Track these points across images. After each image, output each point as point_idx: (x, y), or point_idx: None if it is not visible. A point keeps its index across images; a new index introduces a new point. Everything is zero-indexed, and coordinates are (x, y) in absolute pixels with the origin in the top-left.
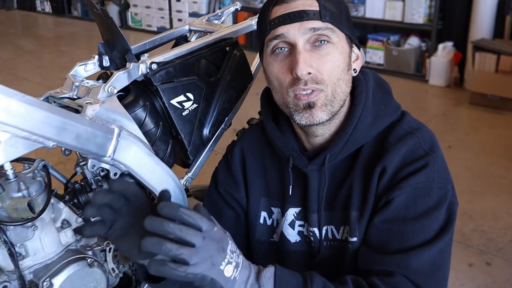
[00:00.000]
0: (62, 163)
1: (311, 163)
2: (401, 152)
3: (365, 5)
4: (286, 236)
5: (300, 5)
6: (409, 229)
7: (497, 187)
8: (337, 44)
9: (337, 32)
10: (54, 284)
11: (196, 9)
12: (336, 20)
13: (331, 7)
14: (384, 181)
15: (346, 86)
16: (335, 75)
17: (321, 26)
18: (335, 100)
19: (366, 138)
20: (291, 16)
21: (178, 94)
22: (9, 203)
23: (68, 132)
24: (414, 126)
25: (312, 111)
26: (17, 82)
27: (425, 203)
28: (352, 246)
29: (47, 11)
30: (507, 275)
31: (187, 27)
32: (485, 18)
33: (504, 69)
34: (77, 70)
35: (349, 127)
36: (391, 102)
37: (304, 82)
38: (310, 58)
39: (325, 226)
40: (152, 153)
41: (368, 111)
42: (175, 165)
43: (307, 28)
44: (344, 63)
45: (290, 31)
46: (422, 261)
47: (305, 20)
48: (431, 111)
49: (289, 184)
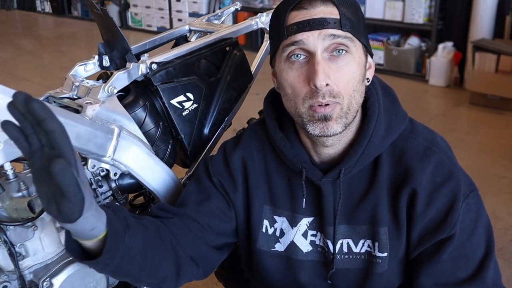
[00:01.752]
0: None
1: (325, 176)
2: (427, 171)
3: (365, 5)
4: (299, 246)
5: (321, 12)
6: (469, 249)
7: (497, 187)
8: (355, 54)
9: (355, 41)
10: (54, 284)
11: (196, 9)
12: (355, 29)
13: (351, 16)
14: (420, 206)
15: (360, 97)
16: (351, 87)
17: (341, 34)
18: (349, 112)
19: (380, 149)
20: (311, 23)
21: (178, 94)
22: (9, 203)
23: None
24: (428, 137)
25: (327, 123)
26: (17, 82)
27: (471, 218)
28: (382, 261)
29: (47, 11)
30: (507, 275)
31: (187, 27)
32: (485, 18)
33: (504, 69)
34: (77, 70)
35: (364, 140)
36: (400, 110)
37: (322, 95)
38: (329, 69)
39: (341, 239)
40: (152, 153)
41: (381, 123)
42: (175, 165)
43: (327, 35)
44: (360, 74)
45: (310, 38)
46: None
47: (325, 28)
48: (431, 111)
49: (302, 196)
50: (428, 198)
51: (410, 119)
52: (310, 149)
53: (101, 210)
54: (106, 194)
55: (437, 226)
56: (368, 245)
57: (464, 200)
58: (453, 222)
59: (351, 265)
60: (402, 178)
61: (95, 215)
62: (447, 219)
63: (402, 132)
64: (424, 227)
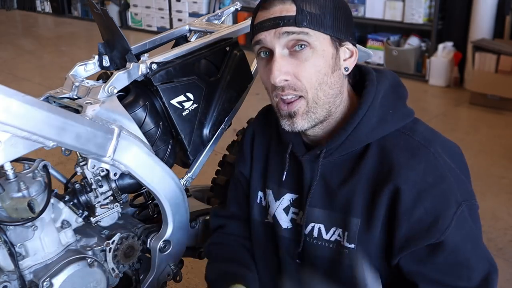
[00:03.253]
0: (62, 163)
1: (307, 153)
2: (416, 169)
3: (365, 5)
4: (278, 220)
5: (278, 11)
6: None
7: (497, 187)
8: (317, 47)
9: (316, 35)
10: (54, 284)
11: (196, 9)
12: (316, 23)
13: (312, 9)
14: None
15: (330, 89)
16: (316, 80)
17: (295, 30)
18: (317, 106)
19: (368, 139)
20: (268, 22)
21: (178, 94)
22: (9, 203)
23: (68, 132)
24: (428, 137)
25: (293, 120)
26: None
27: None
28: (349, 252)
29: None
30: (507, 275)
31: (187, 27)
32: (485, 18)
33: (504, 69)
34: (77, 70)
35: (350, 125)
36: (402, 108)
37: (282, 88)
38: (287, 65)
39: (313, 223)
40: (152, 153)
41: (373, 113)
42: (175, 165)
43: (281, 32)
44: (326, 67)
45: (267, 37)
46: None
47: (280, 27)
48: (431, 111)
49: (284, 169)
50: (415, 196)
51: (415, 120)
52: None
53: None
54: (106, 194)
55: (425, 229)
56: (338, 234)
57: (459, 207)
58: (443, 228)
59: (320, 252)
60: (386, 173)
61: None
62: (435, 224)
63: (400, 129)
64: (411, 228)
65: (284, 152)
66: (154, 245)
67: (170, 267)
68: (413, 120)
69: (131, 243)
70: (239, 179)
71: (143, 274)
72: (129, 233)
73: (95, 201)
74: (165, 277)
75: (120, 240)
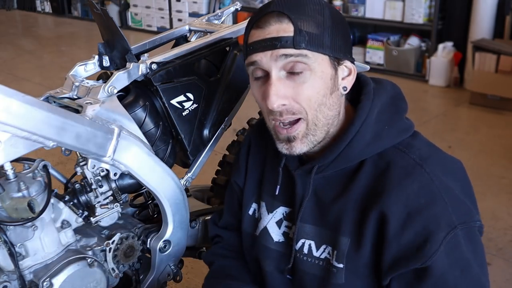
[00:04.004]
0: (62, 163)
1: (299, 168)
2: (408, 190)
3: (365, 5)
4: (270, 233)
5: (274, 31)
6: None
7: (497, 187)
8: (316, 69)
9: (315, 56)
10: (54, 284)
11: (196, 9)
12: (314, 43)
13: (311, 29)
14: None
15: (329, 110)
16: (315, 101)
17: (294, 53)
18: (317, 128)
19: (362, 156)
20: (263, 43)
21: (178, 94)
22: (9, 203)
23: (68, 132)
24: (424, 155)
25: (291, 144)
26: (17, 82)
27: (461, 251)
28: (337, 271)
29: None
30: (507, 275)
31: (187, 27)
32: (485, 18)
33: (504, 69)
34: (77, 70)
35: (342, 142)
36: (399, 123)
37: (279, 113)
38: (285, 88)
39: (304, 239)
40: (152, 153)
41: (367, 129)
42: (175, 165)
43: (279, 55)
44: (325, 88)
45: (263, 59)
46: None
47: (277, 48)
48: (431, 111)
49: (277, 183)
50: (405, 218)
51: (414, 134)
52: None
53: None
54: (106, 194)
55: (413, 252)
56: (328, 252)
57: (451, 232)
58: (430, 253)
59: (309, 269)
60: (377, 194)
61: None
62: (423, 248)
63: (397, 145)
64: (400, 249)
65: (278, 166)
66: (154, 245)
67: (170, 267)
68: (412, 134)
69: (131, 243)
70: (234, 189)
71: (143, 274)
72: (129, 233)
73: (95, 201)
74: (165, 277)
75: (120, 240)
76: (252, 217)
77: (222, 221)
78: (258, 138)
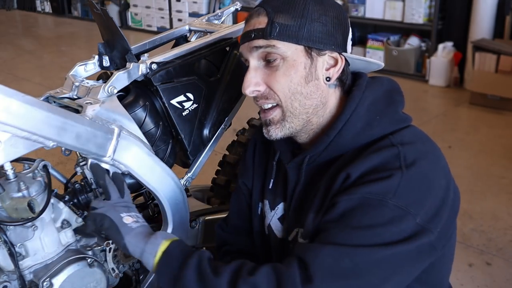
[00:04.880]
0: (62, 163)
1: (292, 161)
2: (372, 162)
3: (365, 5)
4: (274, 230)
5: (251, 24)
6: (346, 236)
7: (497, 187)
8: (288, 58)
9: (286, 46)
10: (54, 284)
11: (196, 9)
12: (286, 34)
13: (285, 20)
14: (344, 187)
15: (306, 99)
16: (289, 89)
17: (263, 44)
18: (293, 116)
19: (352, 145)
20: (244, 35)
21: (178, 94)
22: (9, 203)
23: (68, 132)
24: (406, 140)
25: (267, 128)
26: (17, 82)
27: (372, 217)
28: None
29: (47, 11)
30: (507, 275)
31: (187, 27)
32: (485, 18)
33: (504, 69)
34: (77, 70)
35: (333, 131)
36: (392, 114)
37: (256, 99)
38: (259, 76)
39: (296, 228)
40: (152, 153)
41: (358, 118)
42: (175, 165)
43: (251, 47)
44: (298, 77)
45: (244, 50)
46: (333, 258)
47: (251, 40)
48: (431, 111)
49: (271, 177)
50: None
51: (408, 126)
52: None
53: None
54: None
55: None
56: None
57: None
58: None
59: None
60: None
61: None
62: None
63: (387, 134)
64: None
65: (273, 160)
66: None
67: None
68: (407, 126)
69: None
70: (242, 191)
71: (143, 274)
72: None
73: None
74: None
75: None
76: (261, 216)
77: (230, 227)
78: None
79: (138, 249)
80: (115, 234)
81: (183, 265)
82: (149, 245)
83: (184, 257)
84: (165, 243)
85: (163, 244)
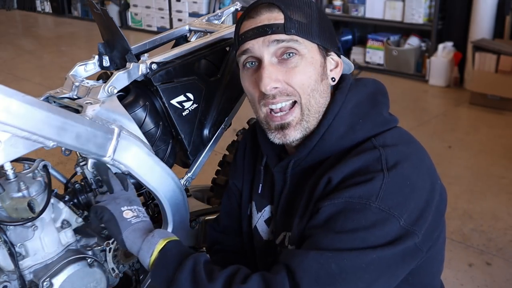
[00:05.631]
0: (62, 163)
1: (277, 165)
2: (353, 165)
3: (365, 5)
4: (259, 232)
5: (265, 19)
6: (330, 241)
7: (497, 187)
8: (306, 55)
9: (305, 43)
10: (54, 284)
11: (196, 9)
12: (304, 31)
13: (300, 18)
14: (326, 191)
15: (321, 97)
16: (308, 86)
17: (285, 38)
18: (310, 114)
19: (336, 149)
20: (255, 31)
21: (178, 94)
22: (9, 203)
23: (68, 132)
24: (388, 142)
25: (284, 132)
26: (17, 82)
27: (356, 221)
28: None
29: (47, 11)
30: (507, 275)
31: (187, 27)
32: (485, 18)
33: (504, 69)
34: (77, 70)
35: (316, 136)
36: (375, 117)
37: (272, 96)
38: (277, 72)
39: (284, 232)
40: (152, 153)
41: (341, 122)
42: (175, 165)
43: (271, 41)
44: (316, 74)
45: (255, 46)
46: (319, 264)
47: (268, 35)
48: (431, 111)
49: (259, 182)
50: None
51: (394, 128)
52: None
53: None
54: None
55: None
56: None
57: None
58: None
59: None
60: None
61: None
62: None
63: (371, 137)
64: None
65: (260, 165)
66: None
67: None
68: (392, 128)
69: None
70: (232, 191)
71: (143, 274)
72: None
73: (95, 201)
74: None
75: None
76: (249, 217)
77: (221, 226)
78: (253, 139)
79: (135, 246)
80: (113, 227)
81: (178, 268)
82: (146, 243)
83: (179, 259)
84: (162, 242)
85: (160, 243)
